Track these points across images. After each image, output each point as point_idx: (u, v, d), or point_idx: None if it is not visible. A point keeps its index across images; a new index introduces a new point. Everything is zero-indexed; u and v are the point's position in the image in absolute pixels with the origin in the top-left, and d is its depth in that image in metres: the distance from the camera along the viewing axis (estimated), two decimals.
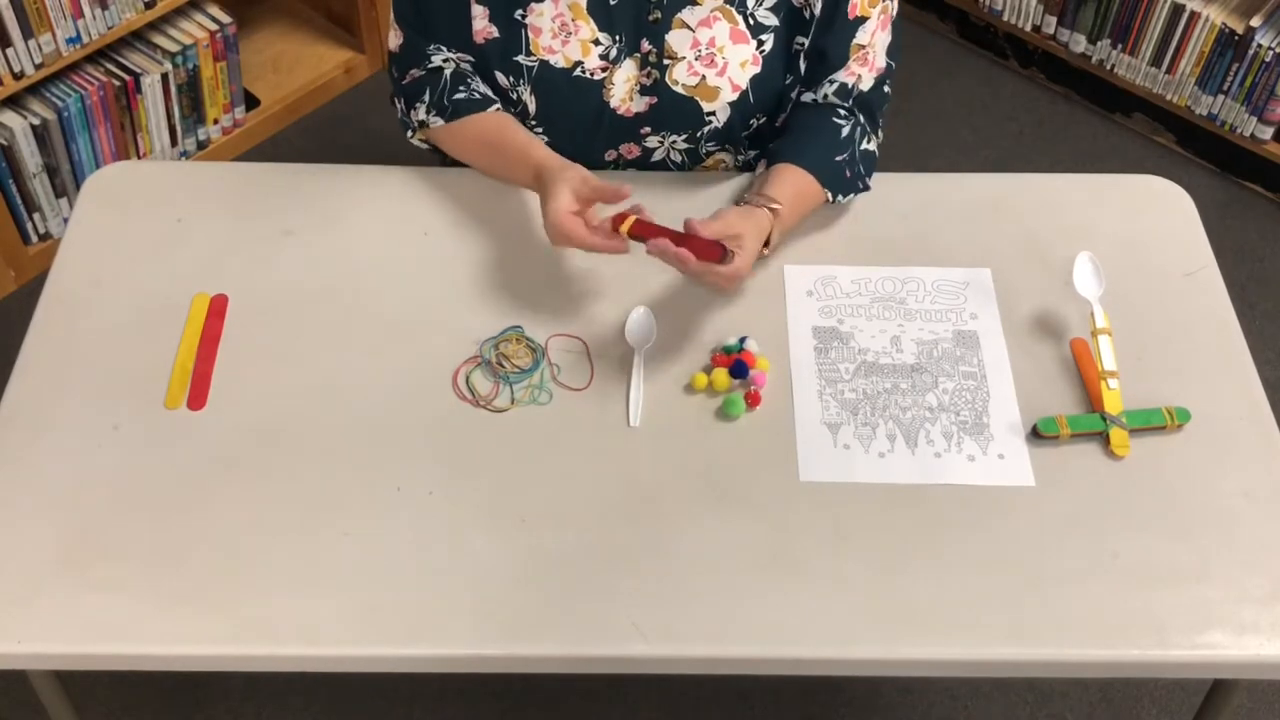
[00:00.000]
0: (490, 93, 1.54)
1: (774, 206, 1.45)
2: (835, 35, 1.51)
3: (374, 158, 1.64)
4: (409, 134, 1.60)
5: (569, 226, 1.37)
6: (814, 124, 1.55)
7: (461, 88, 1.53)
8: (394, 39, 1.56)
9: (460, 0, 1.50)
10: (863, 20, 1.51)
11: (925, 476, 1.34)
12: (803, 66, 1.54)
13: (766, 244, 1.46)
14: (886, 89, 1.58)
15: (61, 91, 2.36)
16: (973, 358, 1.44)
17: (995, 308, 1.49)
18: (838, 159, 1.53)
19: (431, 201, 1.58)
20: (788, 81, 1.55)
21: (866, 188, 1.58)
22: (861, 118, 1.56)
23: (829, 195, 1.53)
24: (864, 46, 1.52)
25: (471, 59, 1.54)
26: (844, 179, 1.53)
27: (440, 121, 1.53)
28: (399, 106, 1.58)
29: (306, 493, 1.31)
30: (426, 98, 1.53)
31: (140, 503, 1.30)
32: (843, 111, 1.54)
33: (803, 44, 1.53)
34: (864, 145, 1.55)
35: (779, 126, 1.59)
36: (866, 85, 1.54)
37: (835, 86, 1.53)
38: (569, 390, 1.40)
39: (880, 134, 1.59)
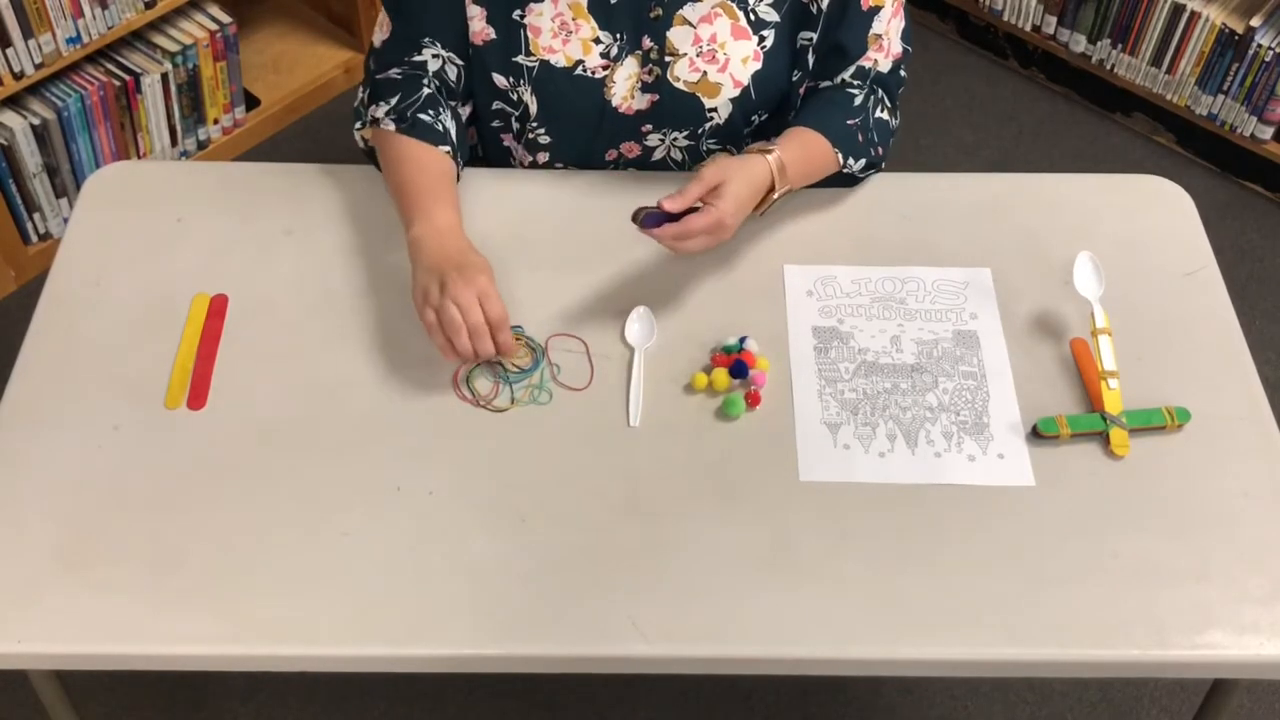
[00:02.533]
0: (453, 130, 1.50)
1: (769, 149, 1.45)
2: (851, 28, 1.51)
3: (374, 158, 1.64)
4: (357, 125, 1.56)
5: (467, 303, 1.33)
6: (826, 96, 1.56)
7: (430, 111, 1.48)
8: (379, 33, 1.54)
9: (455, 1, 1.50)
10: (877, 10, 1.51)
11: (925, 476, 1.34)
12: (811, 61, 1.54)
13: (771, 191, 1.45)
14: (903, 72, 1.58)
15: (61, 91, 2.36)
16: (973, 358, 1.44)
17: (995, 308, 1.49)
18: (849, 122, 1.53)
19: None
20: (795, 78, 1.55)
21: (880, 158, 1.56)
22: (880, 91, 1.56)
23: (839, 156, 1.52)
24: (880, 35, 1.52)
25: (460, 61, 1.53)
26: (857, 143, 1.53)
27: (392, 128, 1.47)
28: (361, 95, 1.55)
29: (306, 493, 1.31)
30: (393, 100, 1.49)
31: (140, 503, 1.30)
32: (857, 83, 1.55)
33: (809, 39, 1.53)
34: (877, 114, 1.55)
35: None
36: (885, 69, 1.55)
37: (852, 70, 1.54)
38: (569, 390, 1.40)
39: (898, 115, 1.59)
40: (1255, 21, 2.54)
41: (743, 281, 1.51)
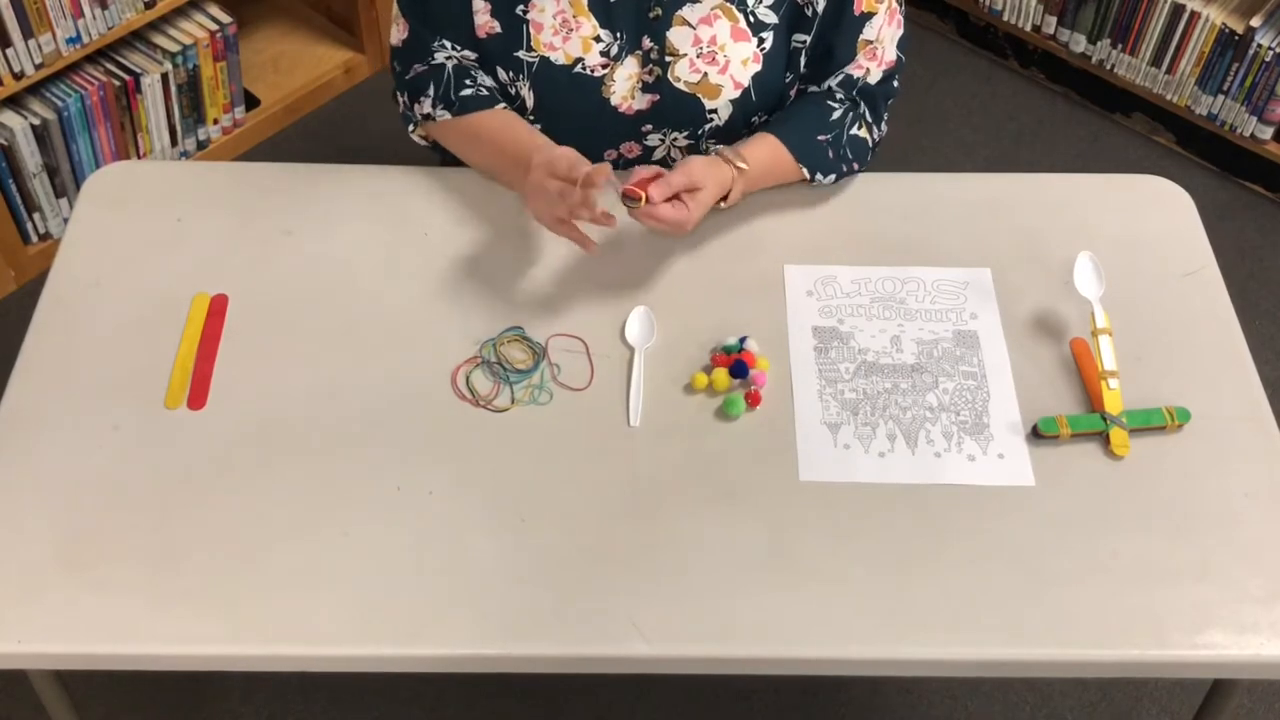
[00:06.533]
0: (494, 87, 1.54)
1: (740, 165, 1.47)
2: (842, 32, 1.51)
3: (374, 158, 1.64)
4: (410, 128, 1.59)
5: (555, 156, 1.38)
6: (805, 105, 1.56)
7: (468, 82, 1.53)
8: (396, 33, 1.56)
9: None
10: (869, 16, 1.51)
11: (925, 476, 1.34)
12: (803, 63, 1.54)
13: (725, 198, 1.49)
14: (895, 83, 1.58)
15: (61, 91, 2.36)
16: (973, 358, 1.44)
17: (995, 308, 1.49)
18: (820, 138, 1.53)
19: (431, 201, 1.58)
20: (787, 80, 1.55)
21: (856, 171, 1.58)
22: (862, 106, 1.56)
23: (805, 172, 1.53)
24: (871, 42, 1.52)
25: (474, 56, 1.54)
26: (825, 159, 1.54)
27: (447, 115, 1.53)
28: (401, 101, 1.58)
29: (306, 492, 1.31)
30: (431, 91, 1.53)
31: (140, 503, 1.30)
32: (839, 97, 1.55)
33: (803, 41, 1.53)
34: (854, 130, 1.55)
35: None
36: (874, 79, 1.55)
37: (840, 78, 1.54)
38: (569, 390, 1.40)
39: (883, 126, 1.59)
40: (1255, 21, 2.54)
41: (743, 281, 1.51)
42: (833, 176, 1.55)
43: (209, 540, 1.27)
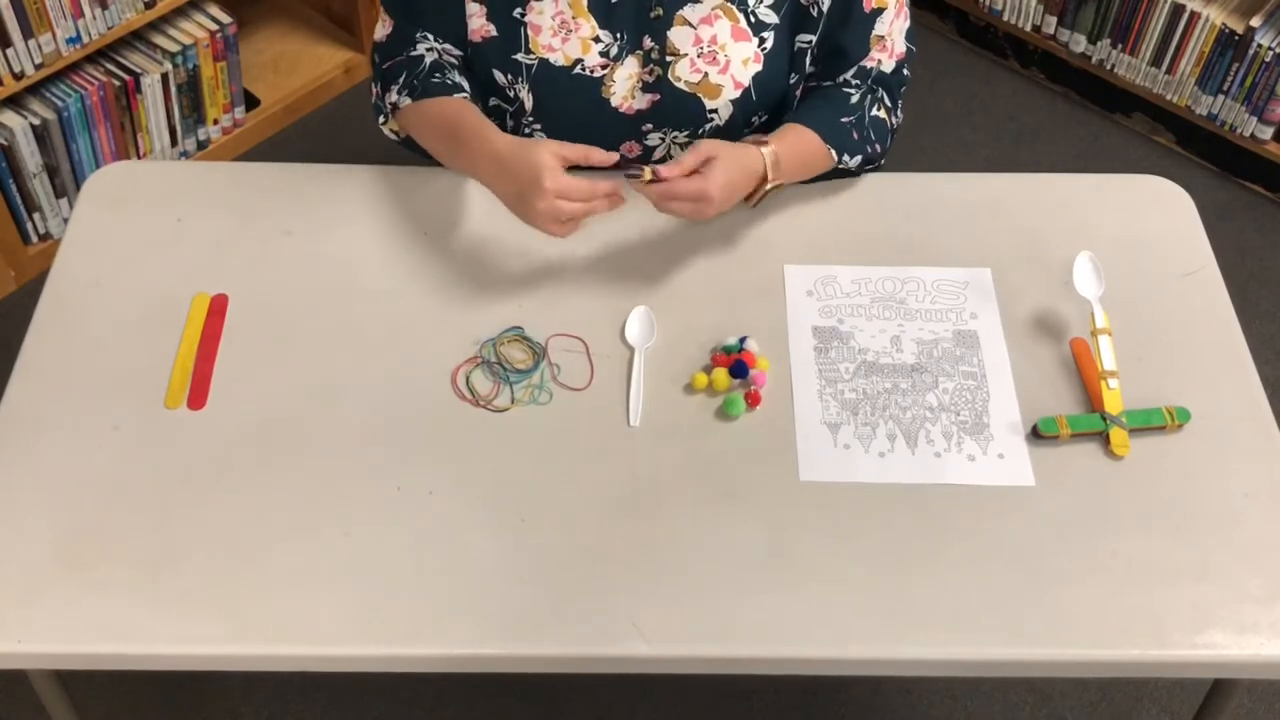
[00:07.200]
0: (465, 84, 1.54)
1: (765, 142, 1.46)
2: (853, 30, 1.52)
3: (374, 158, 1.64)
4: (381, 120, 1.59)
5: (569, 184, 1.37)
6: (822, 94, 1.57)
7: (437, 74, 1.52)
8: (381, 29, 1.57)
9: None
10: (880, 11, 1.51)
11: (925, 476, 1.34)
12: (808, 63, 1.54)
13: (764, 182, 1.46)
14: (906, 72, 1.59)
15: (61, 91, 2.36)
16: (973, 358, 1.44)
17: (995, 308, 1.49)
18: (843, 120, 1.53)
19: (431, 201, 1.58)
20: (792, 80, 1.55)
21: (878, 155, 1.57)
22: (880, 90, 1.57)
23: (833, 153, 1.52)
24: (884, 37, 1.53)
25: (458, 52, 1.54)
26: (852, 139, 1.53)
27: (408, 100, 1.51)
28: (375, 91, 1.58)
29: (306, 493, 1.31)
30: (401, 79, 1.52)
31: (140, 503, 1.30)
32: (855, 83, 1.55)
33: (808, 42, 1.53)
34: (874, 112, 1.56)
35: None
36: (888, 69, 1.56)
37: (854, 70, 1.54)
38: (569, 390, 1.40)
39: (900, 114, 1.60)
40: (1255, 21, 2.54)
41: (743, 281, 1.51)
42: (859, 158, 1.54)
43: (209, 540, 1.27)
